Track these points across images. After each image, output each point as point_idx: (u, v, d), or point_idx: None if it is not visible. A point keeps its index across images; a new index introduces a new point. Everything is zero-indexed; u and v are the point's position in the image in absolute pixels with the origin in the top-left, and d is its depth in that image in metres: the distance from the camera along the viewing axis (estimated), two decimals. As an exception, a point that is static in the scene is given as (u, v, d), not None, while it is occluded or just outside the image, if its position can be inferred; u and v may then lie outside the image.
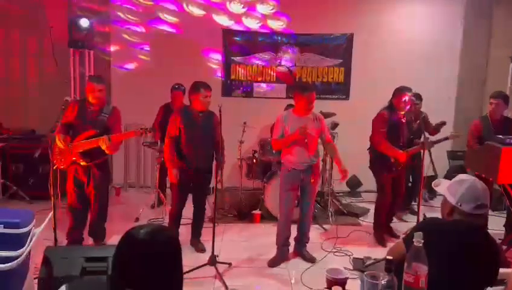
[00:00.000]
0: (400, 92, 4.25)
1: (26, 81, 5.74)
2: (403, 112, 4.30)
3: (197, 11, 6.04)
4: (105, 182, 4.03)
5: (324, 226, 4.87)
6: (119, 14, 5.98)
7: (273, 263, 3.94)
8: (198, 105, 3.95)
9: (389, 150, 4.26)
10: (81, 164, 3.79)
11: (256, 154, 5.41)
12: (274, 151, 4.81)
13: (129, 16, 6.01)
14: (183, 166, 4.02)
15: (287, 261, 4.02)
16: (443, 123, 5.02)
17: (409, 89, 4.26)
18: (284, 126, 3.88)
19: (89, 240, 4.10)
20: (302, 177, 3.90)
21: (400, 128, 4.34)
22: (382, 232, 4.57)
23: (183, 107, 4.34)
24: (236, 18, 6.16)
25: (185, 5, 6.01)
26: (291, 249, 4.12)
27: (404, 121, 4.37)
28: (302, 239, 4.10)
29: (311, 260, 3.99)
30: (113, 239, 4.07)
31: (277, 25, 6.19)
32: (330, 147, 4.16)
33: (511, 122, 4.49)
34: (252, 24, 6.16)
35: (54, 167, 3.70)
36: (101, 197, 3.94)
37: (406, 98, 4.20)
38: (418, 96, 4.97)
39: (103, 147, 3.69)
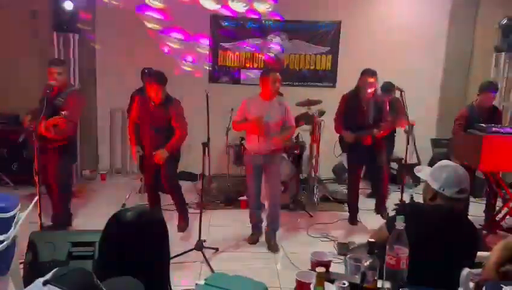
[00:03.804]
0: (363, 74, 4.29)
1: (9, 65, 5.61)
2: (365, 94, 4.30)
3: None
4: (64, 166, 3.95)
5: (310, 212, 4.93)
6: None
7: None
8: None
9: (337, 129, 4.49)
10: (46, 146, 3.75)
11: (243, 142, 5.40)
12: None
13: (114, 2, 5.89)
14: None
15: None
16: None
17: (372, 73, 4.26)
18: (247, 110, 3.89)
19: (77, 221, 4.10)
20: (263, 162, 3.94)
21: (360, 110, 4.36)
22: (353, 212, 4.67)
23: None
24: (224, 2, 6.08)
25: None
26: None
27: (366, 104, 4.35)
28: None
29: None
30: (99, 225, 4.05)
31: (263, 7, 6.11)
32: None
33: (498, 111, 4.57)
34: (239, 7, 6.07)
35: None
36: (60, 181, 3.90)
37: (369, 80, 4.22)
38: (391, 85, 4.97)
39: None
